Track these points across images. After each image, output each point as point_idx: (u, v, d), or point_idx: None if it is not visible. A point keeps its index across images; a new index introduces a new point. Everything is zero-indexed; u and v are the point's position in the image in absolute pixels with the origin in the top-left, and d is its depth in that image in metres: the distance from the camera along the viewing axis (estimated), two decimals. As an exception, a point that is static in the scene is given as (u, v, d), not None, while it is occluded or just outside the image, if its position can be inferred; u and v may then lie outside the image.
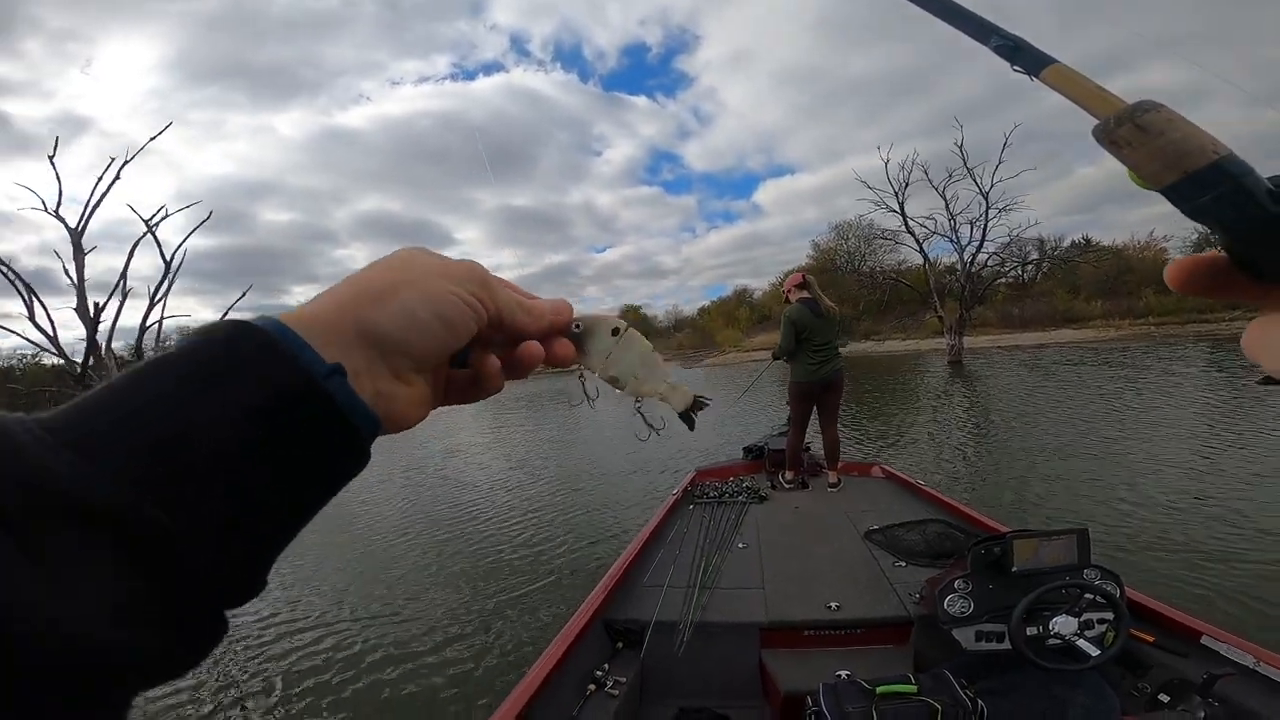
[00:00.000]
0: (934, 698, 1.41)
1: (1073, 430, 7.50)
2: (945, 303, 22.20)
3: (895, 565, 2.39)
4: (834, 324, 3.91)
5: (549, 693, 1.59)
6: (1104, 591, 1.52)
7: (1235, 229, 0.20)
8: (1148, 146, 0.20)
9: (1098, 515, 4.49)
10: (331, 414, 0.22)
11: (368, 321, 0.25)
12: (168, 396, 0.20)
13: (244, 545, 0.21)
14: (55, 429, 0.19)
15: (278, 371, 0.21)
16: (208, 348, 0.21)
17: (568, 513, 5.95)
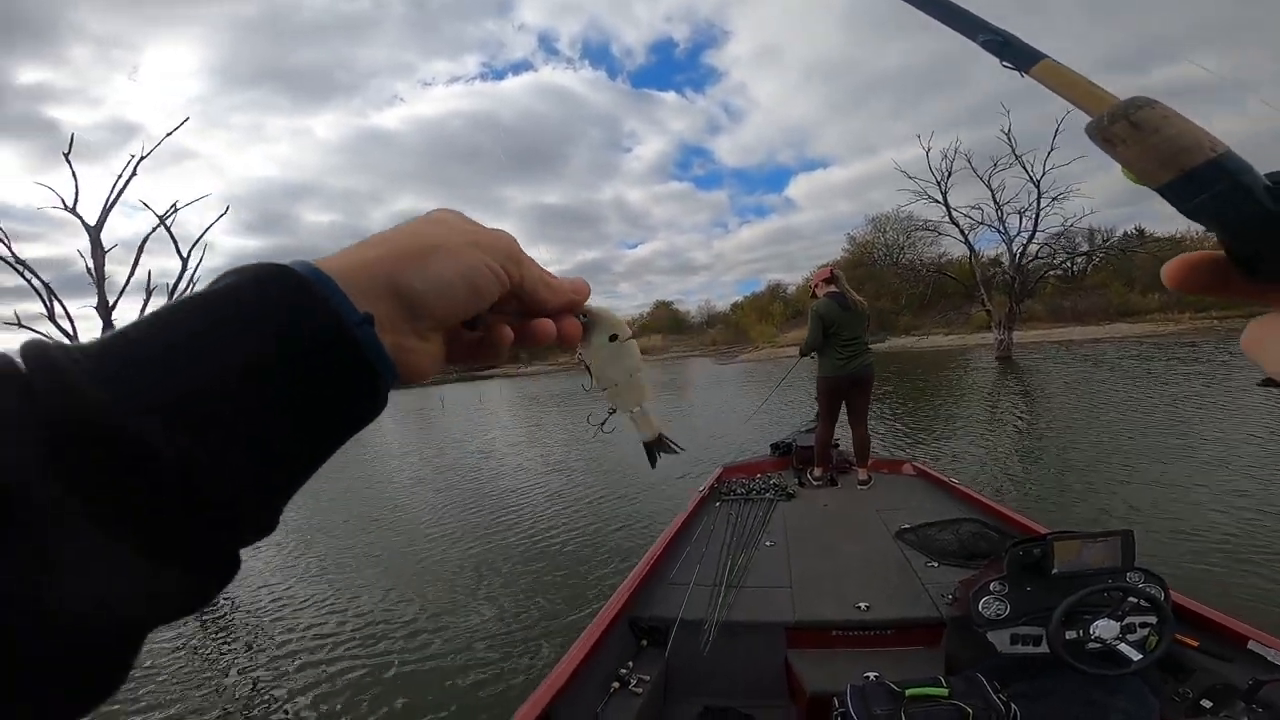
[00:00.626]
0: (965, 701, 1.37)
1: (1132, 429, 7.14)
2: (992, 296, 21.39)
3: (927, 565, 2.33)
4: (863, 318, 3.83)
5: (573, 690, 1.60)
6: (1148, 595, 1.45)
7: (1233, 228, 0.19)
8: (1142, 144, 0.20)
9: (1147, 516, 4.32)
10: (359, 361, 0.23)
11: (400, 279, 0.25)
12: (203, 336, 0.20)
13: (264, 485, 0.21)
14: (93, 357, 0.19)
15: (310, 315, 0.22)
16: (242, 289, 0.22)
17: (596, 508, 5.99)
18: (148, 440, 0.18)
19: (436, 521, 6.24)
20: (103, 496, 0.18)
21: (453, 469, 9.31)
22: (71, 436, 0.18)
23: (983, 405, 10.49)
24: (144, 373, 0.19)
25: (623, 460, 8.13)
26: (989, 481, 5.50)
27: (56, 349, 0.19)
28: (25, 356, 0.19)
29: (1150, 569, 1.60)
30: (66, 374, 0.18)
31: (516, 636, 3.46)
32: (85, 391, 0.18)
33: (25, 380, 0.18)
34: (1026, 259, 21.18)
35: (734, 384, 20.31)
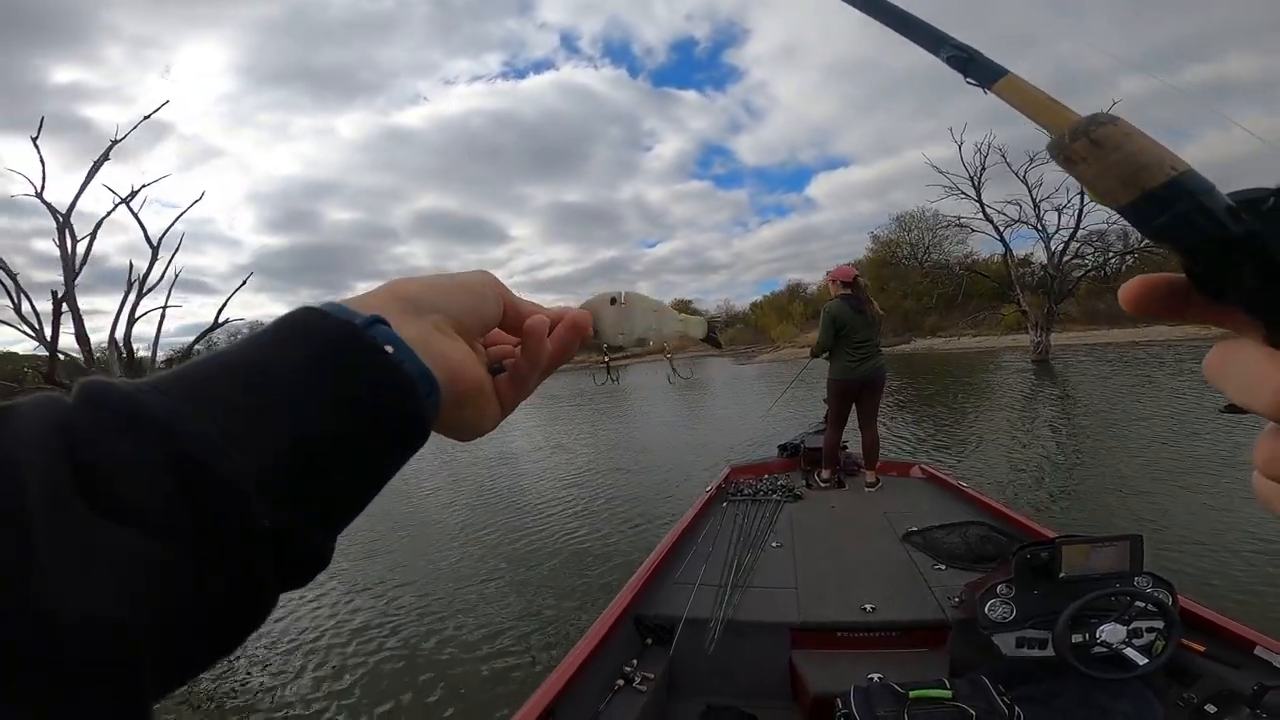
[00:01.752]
0: (969, 703, 1.37)
1: (1167, 436, 6.81)
2: (1024, 297, 20.55)
3: (934, 568, 2.33)
4: (876, 322, 3.82)
5: (577, 687, 1.61)
6: (1155, 599, 1.45)
7: (1195, 250, 0.19)
8: (1103, 162, 0.19)
9: (1161, 521, 4.27)
10: (405, 390, 0.24)
11: (401, 290, 0.28)
12: (295, 391, 0.22)
13: (331, 531, 0.23)
14: (160, 388, 0.20)
15: (372, 362, 0.23)
16: (322, 356, 0.23)
17: (603, 506, 6.01)
18: (252, 508, 0.19)
19: (442, 518, 6.28)
20: (199, 539, 0.19)
21: (461, 467, 9.36)
22: (189, 482, 0.18)
23: (1022, 412, 9.88)
24: (251, 425, 0.20)
25: (631, 458, 8.14)
26: (1025, 493, 5.29)
27: (120, 382, 0.20)
28: (81, 388, 0.20)
29: (1158, 574, 1.59)
30: (191, 428, 0.19)
31: (521, 633, 3.48)
32: (208, 438, 0.19)
33: (158, 431, 0.19)
34: (1067, 257, 20.24)
35: (752, 383, 20.09)
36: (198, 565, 0.18)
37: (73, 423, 0.18)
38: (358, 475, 0.23)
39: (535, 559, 4.73)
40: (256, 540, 0.20)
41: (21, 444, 0.17)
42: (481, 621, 3.67)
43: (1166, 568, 3.26)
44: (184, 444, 0.19)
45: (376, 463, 0.24)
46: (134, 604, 0.17)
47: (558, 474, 7.93)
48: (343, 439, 0.22)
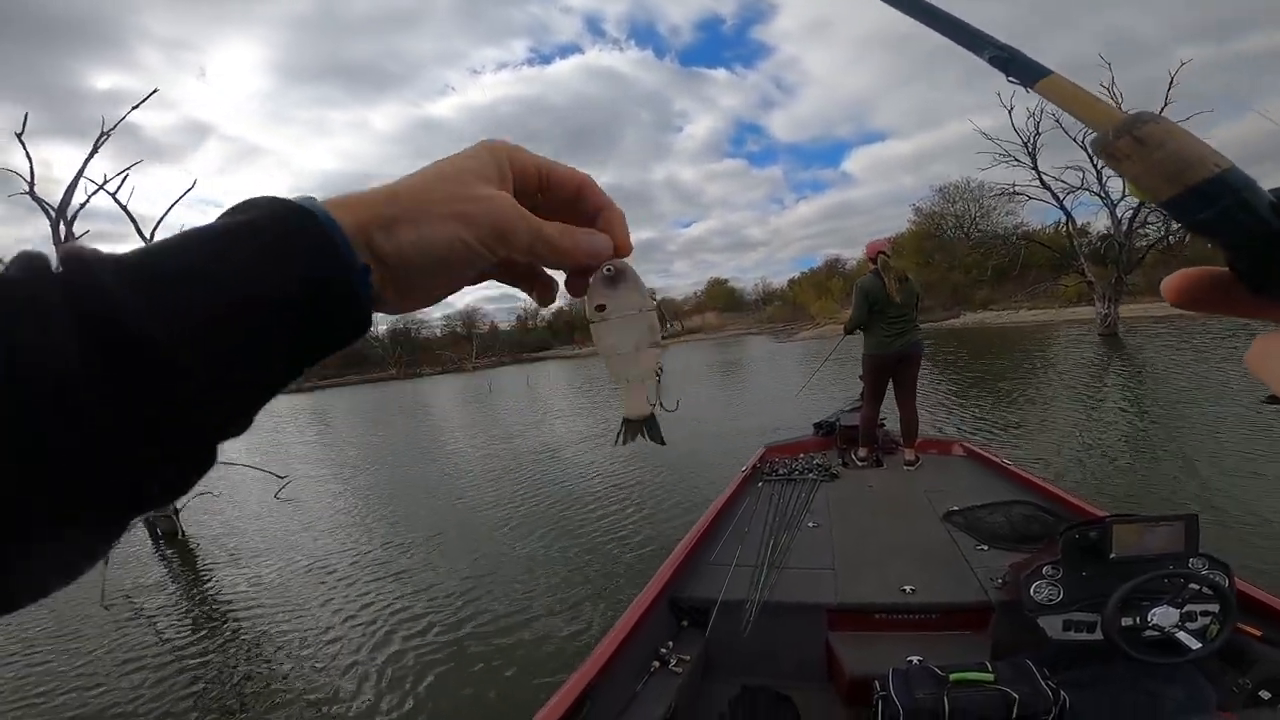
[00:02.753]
0: (1012, 687, 1.35)
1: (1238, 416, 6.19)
2: (1089, 267, 19.39)
3: (976, 548, 2.28)
4: (911, 295, 3.70)
5: (613, 669, 1.64)
6: (1211, 581, 1.38)
7: (1237, 244, 0.19)
8: (1147, 159, 0.20)
9: (1220, 500, 4.07)
10: (356, 306, 0.25)
11: (374, 240, 0.26)
12: (232, 266, 0.22)
13: (255, 402, 0.23)
14: (129, 268, 0.21)
15: (328, 262, 0.24)
16: (265, 227, 0.23)
17: (637, 489, 6.07)
18: (175, 357, 0.20)
19: (483, 510, 6.45)
20: (124, 397, 0.19)
21: (501, 462, 9.57)
22: (104, 339, 0.19)
23: (1092, 391, 9.05)
24: (176, 291, 0.21)
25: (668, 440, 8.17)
26: (1088, 474, 5.02)
27: (93, 255, 0.21)
28: (64, 259, 0.20)
29: (1215, 555, 1.52)
30: (97, 275, 0.20)
31: (559, 616, 3.57)
32: (121, 298, 0.20)
33: (65, 279, 0.20)
34: (1137, 224, 18.83)
35: (791, 361, 19.69)
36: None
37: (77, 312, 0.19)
38: (288, 371, 0.24)
39: (572, 544, 4.82)
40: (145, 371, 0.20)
41: None
42: (520, 605, 3.78)
43: (1223, 549, 3.13)
44: (167, 368, 0.20)
45: (308, 366, 0.25)
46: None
47: (593, 461, 8.03)
48: (291, 361, 0.24)
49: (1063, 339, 17.88)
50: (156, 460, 0.21)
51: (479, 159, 0.29)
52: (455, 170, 0.28)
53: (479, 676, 3.04)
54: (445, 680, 3.06)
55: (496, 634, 3.43)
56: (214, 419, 0.22)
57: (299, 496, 7.85)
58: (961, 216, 35.37)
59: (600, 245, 0.32)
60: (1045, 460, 5.47)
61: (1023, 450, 5.84)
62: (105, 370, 0.19)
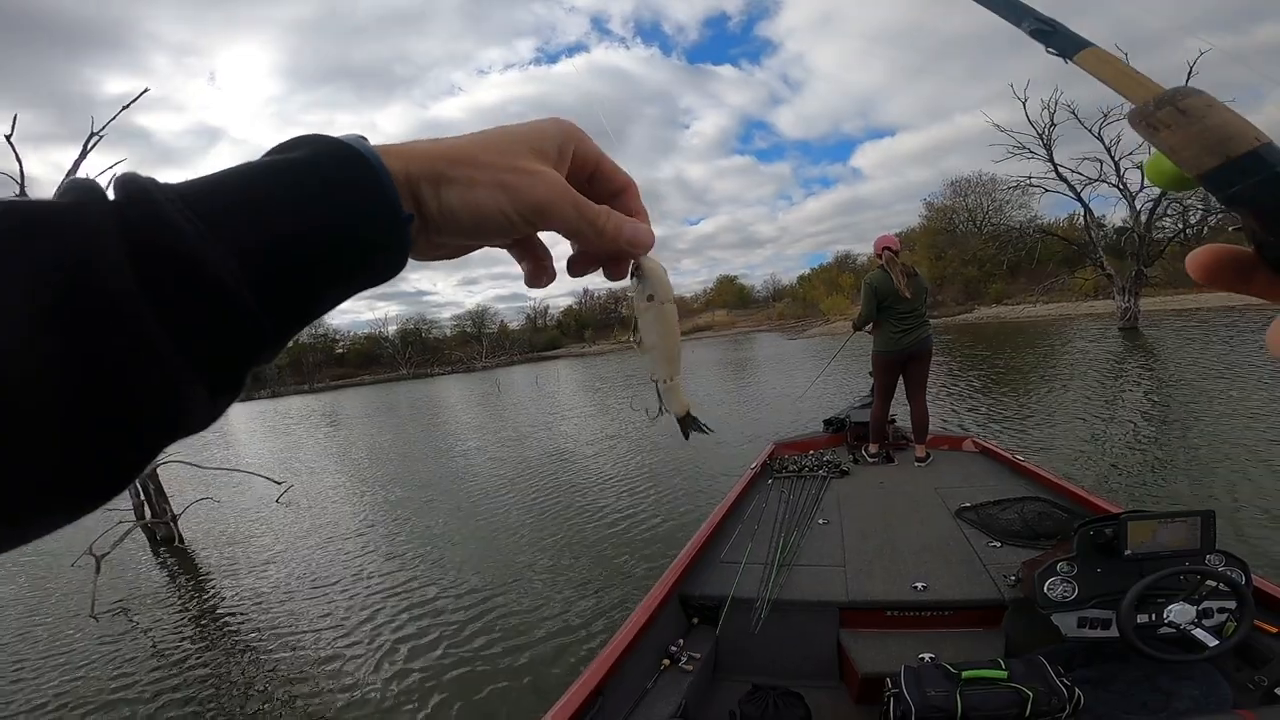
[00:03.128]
0: (1026, 685, 1.34)
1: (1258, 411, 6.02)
2: (1109, 260, 18.69)
3: (989, 545, 2.26)
4: (921, 290, 3.68)
5: (624, 667, 1.65)
6: (1228, 578, 1.37)
7: (1271, 217, 0.19)
8: (1188, 130, 0.20)
9: (1238, 496, 4.01)
10: (399, 250, 0.26)
11: (420, 193, 0.27)
12: (288, 198, 0.23)
13: (289, 329, 0.24)
14: (185, 196, 0.21)
15: (379, 204, 0.24)
16: (322, 165, 0.24)
17: (647, 486, 6.08)
18: (225, 280, 0.20)
19: (496, 510, 6.49)
20: (175, 315, 0.19)
21: (512, 465, 9.60)
22: (156, 257, 0.19)
23: (1113, 387, 8.65)
24: (233, 218, 0.21)
25: (671, 441, 8.16)
26: (1108, 471, 4.91)
27: (150, 181, 0.21)
28: (119, 184, 0.21)
29: (1232, 552, 1.50)
30: (159, 203, 0.20)
31: (571, 613, 3.58)
32: (175, 221, 0.20)
33: (118, 204, 0.20)
34: (1156, 217, 18.21)
35: (801, 359, 19.44)
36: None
37: (135, 242, 0.20)
38: (328, 303, 0.25)
39: (584, 542, 4.84)
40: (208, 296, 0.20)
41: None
42: (532, 604, 3.80)
43: (1242, 545, 3.07)
44: (228, 296, 0.21)
45: (342, 298, 0.26)
46: None
47: (601, 460, 8.04)
48: (334, 295, 0.25)
49: (1082, 333, 17.40)
50: (197, 381, 0.21)
51: (542, 134, 0.30)
52: (511, 140, 0.29)
53: (488, 676, 3.06)
54: (456, 682, 3.08)
55: (506, 635, 3.45)
56: (254, 346, 0.22)
57: (300, 501, 7.74)
58: (974, 210, 34.89)
59: (644, 235, 0.33)
60: (1064, 455, 5.38)
61: (1040, 446, 5.73)
62: (163, 293, 0.19)
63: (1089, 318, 22.39)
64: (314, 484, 9.06)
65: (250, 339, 0.22)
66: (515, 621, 3.59)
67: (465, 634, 3.53)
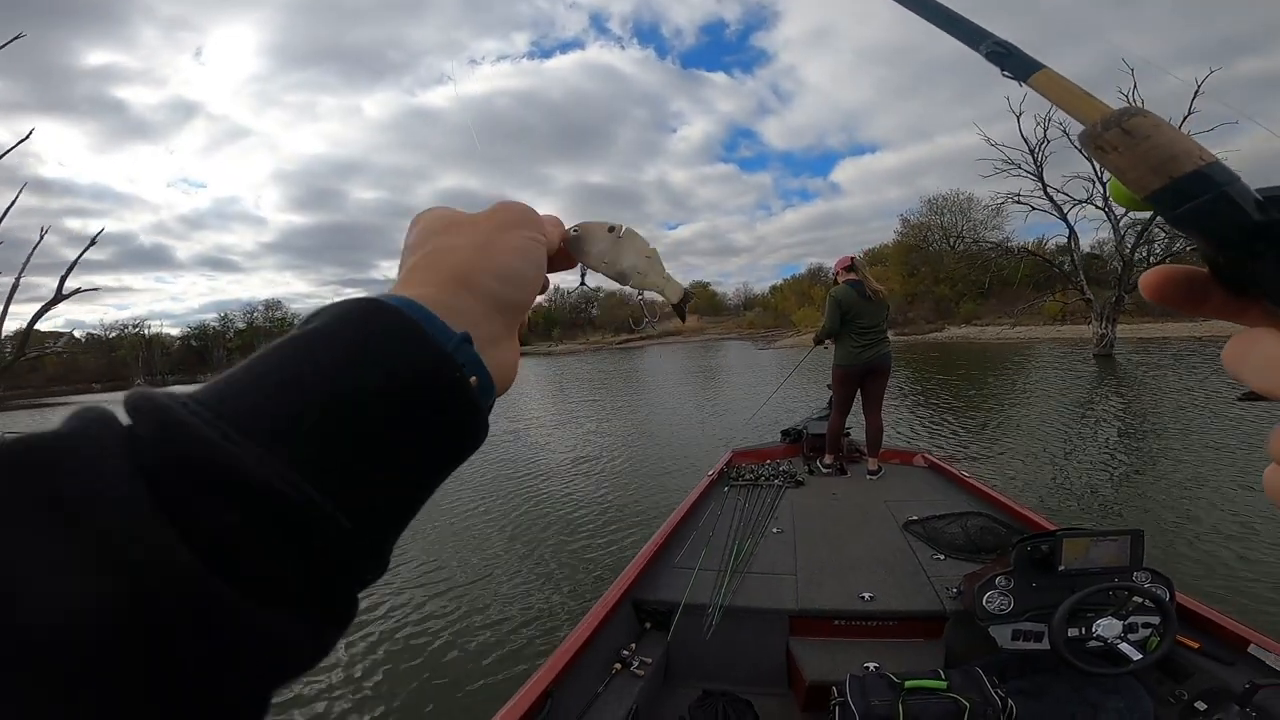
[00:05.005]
0: (963, 695, 1.38)
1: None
2: (1066, 286, 19.16)
3: (934, 558, 2.33)
4: (883, 308, 3.78)
5: (575, 670, 1.63)
6: (1153, 595, 1.44)
7: (1218, 238, 0.19)
8: (1134, 150, 0.20)
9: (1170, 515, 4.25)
10: (461, 385, 0.23)
11: (481, 287, 0.26)
12: (314, 371, 0.20)
13: (380, 523, 0.21)
14: (208, 403, 0.19)
15: (411, 344, 0.22)
16: (338, 326, 0.22)
17: (601, 489, 6.05)
18: (263, 477, 0.17)
19: (446, 507, 6.35)
20: (212, 536, 0.17)
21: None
22: (179, 474, 0.17)
23: (1096, 417, 8.32)
24: (253, 407, 0.19)
25: (632, 444, 8.17)
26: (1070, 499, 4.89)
27: (164, 394, 0.19)
28: (131, 404, 0.19)
29: (1158, 570, 1.58)
30: (170, 410, 0.18)
31: (519, 616, 3.52)
32: (193, 427, 0.17)
33: (129, 427, 0.18)
34: (1142, 241, 18.33)
35: (768, 369, 19.22)
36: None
37: (154, 472, 0.17)
38: (402, 475, 0.22)
39: (535, 543, 4.77)
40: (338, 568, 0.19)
41: (110, 505, 0.16)
42: (479, 605, 3.71)
43: (1167, 564, 3.24)
44: (291, 509, 0.18)
45: (436, 479, 0.23)
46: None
47: (562, 461, 7.97)
48: (414, 470, 0.22)
49: (1057, 361, 16.81)
50: (270, 619, 0.18)
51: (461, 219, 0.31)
52: (451, 215, 0.30)
53: (432, 680, 2.98)
54: (392, 683, 2.98)
55: (454, 637, 3.36)
56: (348, 555, 0.19)
57: None
58: (948, 229, 35.73)
59: (552, 218, 0.35)
60: (1022, 479, 5.51)
61: (998, 469, 5.83)
62: (186, 513, 0.17)
63: (1056, 342, 22.62)
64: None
65: (324, 543, 0.19)
66: (462, 624, 3.50)
67: (403, 634, 3.42)
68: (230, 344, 73.29)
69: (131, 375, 64.87)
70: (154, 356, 70.80)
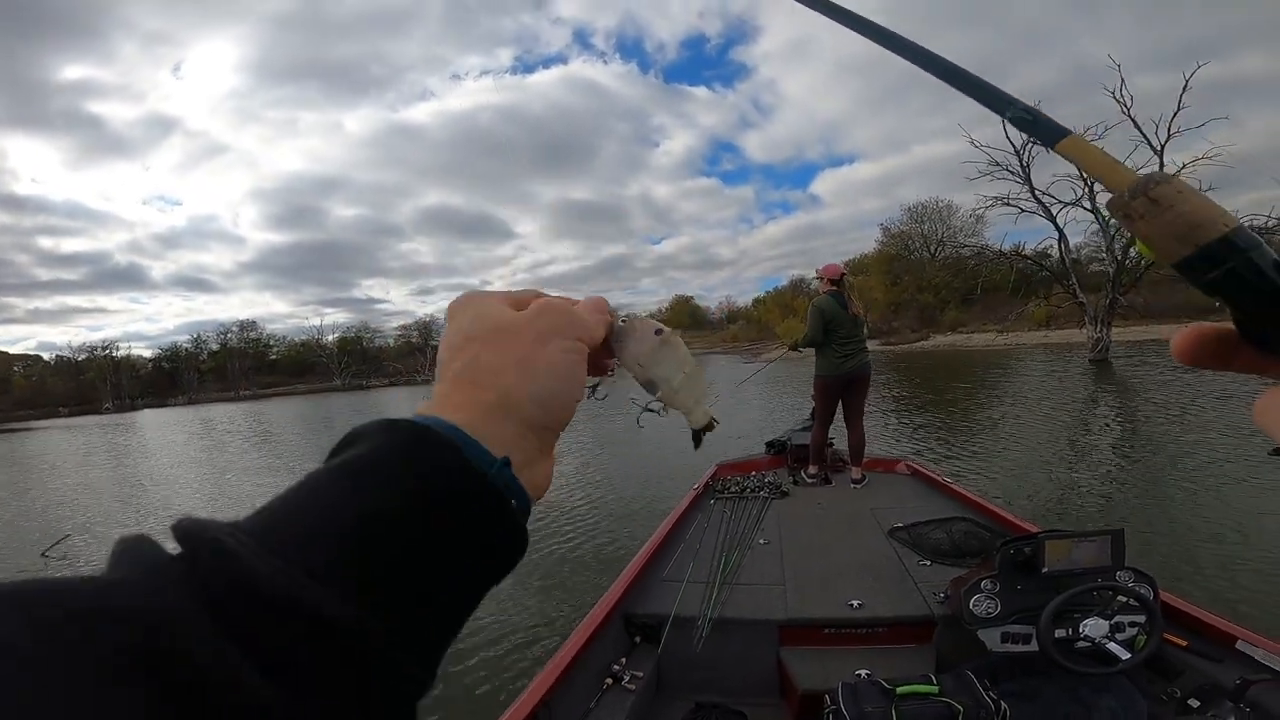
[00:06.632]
0: (955, 699, 1.38)
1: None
2: (1052, 289, 19.04)
3: (920, 564, 2.34)
4: (861, 321, 3.85)
5: (566, 686, 1.60)
6: (1137, 594, 1.46)
7: (1245, 303, 0.20)
8: (1160, 219, 0.21)
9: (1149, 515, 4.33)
10: (500, 504, 0.24)
11: (523, 412, 0.27)
12: (360, 501, 0.21)
13: (428, 641, 0.22)
14: (255, 533, 0.19)
15: (450, 469, 0.23)
16: (381, 451, 0.22)
17: (589, 505, 6.00)
18: (323, 609, 0.18)
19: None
20: (279, 665, 0.17)
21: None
22: (243, 608, 0.17)
23: (1096, 424, 8.07)
24: (302, 535, 0.20)
25: (617, 457, 8.12)
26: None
27: (214, 524, 0.19)
28: (183, 534, 0.19)
29: (1140, 569, 1.61)
30: (229, 547, 0.18)
31: (510, 632, 3.46)
32: (253, 563, 0.18)
33: (186, 557, 0.18)
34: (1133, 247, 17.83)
35: (752, 383, 19.04)
36: None
37: (221, 607, 0.17)
38: (449, 594, 0.23)
39: (522, 561, 4.69)
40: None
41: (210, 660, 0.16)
42: (469, 621, 3.63)
43: (1151, 563, 3.30)
44: (348, 638, 0.18)
45: (480, 594, 0.24)
46: None
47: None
48: (458, 591, 0.23)
49: (1052, 368, 16.22)
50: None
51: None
52: (497, 312, 0.30)
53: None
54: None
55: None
56: (403, 676, 0.20)
57: (82, 556, 6.09)
58: (929, 236, 36.12)
59: (599, 301, 0.34)
60: (1022, 482, 5.50)
61: (1023, 494, 5.42)
62: (249, 641, 0.17)
63: (1045, 347, 22.23)
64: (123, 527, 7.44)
65: (379, 665, 0.19)
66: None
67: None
68: (203, 366, 71.67)
69: (100, 399, 63.10)
70: (123, 380, 68.83)
